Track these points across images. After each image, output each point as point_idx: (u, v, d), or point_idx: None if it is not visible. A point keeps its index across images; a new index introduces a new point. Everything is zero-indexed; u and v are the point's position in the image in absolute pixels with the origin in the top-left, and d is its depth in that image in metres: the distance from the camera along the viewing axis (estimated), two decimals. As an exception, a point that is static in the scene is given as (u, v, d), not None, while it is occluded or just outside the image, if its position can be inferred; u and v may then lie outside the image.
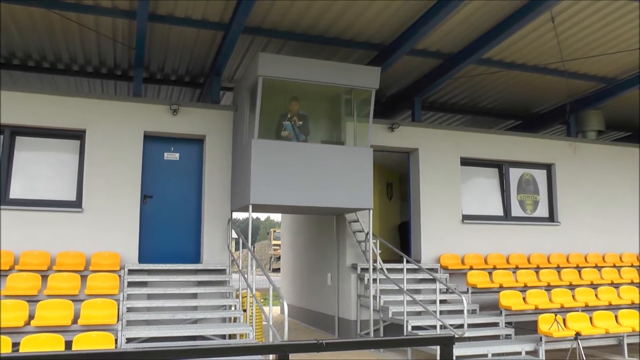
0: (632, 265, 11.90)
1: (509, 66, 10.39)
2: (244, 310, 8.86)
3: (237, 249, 18.83)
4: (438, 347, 6.91)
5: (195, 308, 8.56)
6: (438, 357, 7.53)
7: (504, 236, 11.34)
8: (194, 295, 8.73)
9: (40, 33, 8.99)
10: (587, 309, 9.79)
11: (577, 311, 9.57)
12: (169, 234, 9.40)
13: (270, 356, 6.61)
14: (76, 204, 8.90)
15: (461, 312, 9.36)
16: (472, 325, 9.16)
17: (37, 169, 8.91)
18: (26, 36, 9.10)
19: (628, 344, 9.46)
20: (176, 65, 10.50)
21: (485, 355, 7.85)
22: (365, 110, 9.49)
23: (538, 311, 9.41)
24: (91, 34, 9.08)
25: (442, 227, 10.88)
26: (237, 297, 8.88)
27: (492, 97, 12.34)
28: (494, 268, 10.72)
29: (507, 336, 8.74)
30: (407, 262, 9.35)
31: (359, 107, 9.77)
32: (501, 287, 10.05)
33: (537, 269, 10.99)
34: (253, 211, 8.75)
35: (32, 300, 7.72)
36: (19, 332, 7.01)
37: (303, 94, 9.84)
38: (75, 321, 7.40)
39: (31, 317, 7.46)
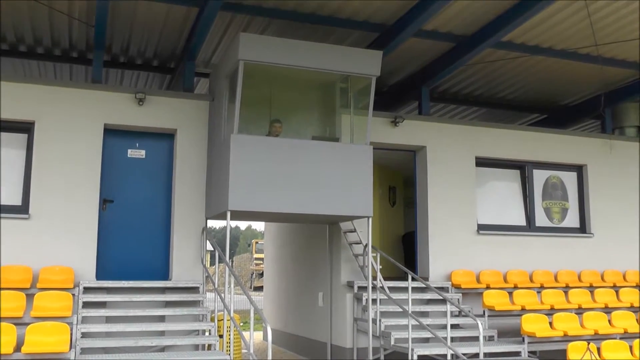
0: (677, 285, 11.92)
1: (532, 50, 10.42)
2: (220, 336, 8.82)
3: (212, 263, 18.80)
4: (447, 380, 6.89)
5: (162, 333, 8.51)
6: (448, 392, 7.51)
7: (526, 250, 11.37)
8: (162, 318, 8.68)
9: (-19, 7, 8.95)
10: (626, 336, 9.78)
11: (614, 339, 9.57)
12: (132, 246, 9.36)
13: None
14: (22, 209, 8.84)
15: (476, 339, 9.35)
16: (489, 355, 9.15)
17: (-24, 168, 8.86)
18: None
19: (671, 377, 9.46)
20: (143, 46, 10.46)
21: (504, 390, 7.85)
22: (364, 101, 9.48)
23: (567, 338, 9.39)
24: (42, 10, 9.03)
25: (453, 239, 10.88)
26: (213, 320, 8.85)
27: (512, 86, 12.37)
28: (515, 287, 10.73)
29: (530, 367, 8.74)
30: (413, 279, 9.33)
31: (356, 98, 9.76)
32: (523, 310, 10.05)
33: (566, 289, 11.00)
34: (232, 219, 8.73)
35: (-33, 323, 7.64)
36: (-48, 361, 6.93)
37: (291, 82, 9.84)
38: (18, 349, 7.32)
39: (-33, 343, 7.38)
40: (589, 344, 8.64)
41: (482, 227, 11.21)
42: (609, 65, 10.97)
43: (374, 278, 9.57)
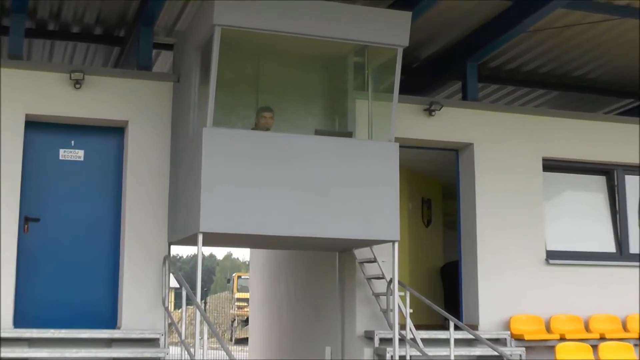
0: None
1: (622, 12, 10.35)
2: (189, 408, 8.76)
3: (177, 305, 18.77)
4: None
5: (108, 403, 8.50)
6: None
7: (617, 286, 11.29)
8: (107, 382, 8.66)
9: None
10: None
11: None
12: (65, 281, 9.30)
13: None
14: None
15: (545, 410, 9.30)
16: None
17: None
18: None
19: None
20: (80, 9, 10.47)
21: None
22: (386, 81, 9.50)
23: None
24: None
25: (513, 271, 10.84)
26: (178, 385, 8.83)
27: (594, 62, 12.34)
28: (602, 338, 10.66)
29: None
30: (456, 328, 9.29)
31: (376, 77, 9.77)
32: (614, 370, 10.01)
33: (677, 340, 10.93)
34: (205, 244, 8.69)
35: None
36: None
37: (286, 56, 9.84)
38: None
39: None
40: None
41: (553, 255, 11.16)
42: None
43: (402, 327, 9.49)
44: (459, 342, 10.00)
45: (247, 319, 21.25)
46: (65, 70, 9.50)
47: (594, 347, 10.41)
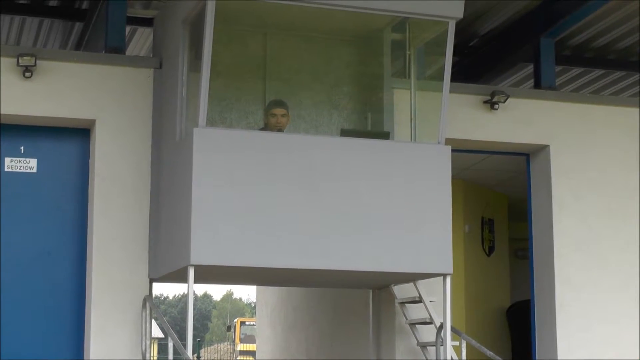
0: None
1: None
2: None
3: (162, 362, 18.80)
4: None
5: None
6: None
7: None
8: None
9: None
10: None
11: None
12: (11, 334, 9.22)
13: None
14: None
15: None
16: None
17: None
18: None
19: None
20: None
21: None
22: (434, 65, 9.56)
23: None
24: None
25: (604, 315, 10.78)
26: None
27: None
28: None
29: None
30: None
31: (421, 60, 9.77)
32: None
33: None
34: (197, 281, 8.74)
35: None
36: None
37: (302, 33, 9.90)
38: None
39: None
40: None
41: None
42: None
43: (457, 387, 9.52)
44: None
45: (254, 378, 21.30)
46: (10, 53, 9.45)
47: None
